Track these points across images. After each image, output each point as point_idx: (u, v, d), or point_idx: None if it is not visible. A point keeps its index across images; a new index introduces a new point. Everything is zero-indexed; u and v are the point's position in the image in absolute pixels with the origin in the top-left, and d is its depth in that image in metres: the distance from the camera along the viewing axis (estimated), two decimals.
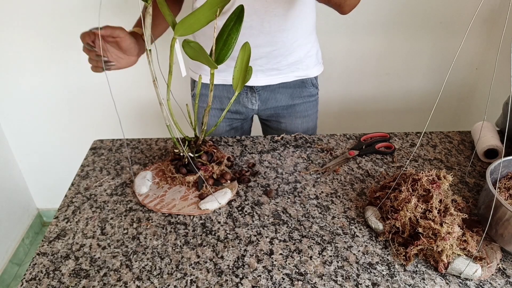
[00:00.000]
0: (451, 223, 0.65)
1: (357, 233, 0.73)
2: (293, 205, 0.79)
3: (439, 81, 1.56)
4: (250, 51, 0.76)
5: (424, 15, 1.41)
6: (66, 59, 1.47)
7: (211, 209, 0.77)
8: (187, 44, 0.67)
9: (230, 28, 0.73)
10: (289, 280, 0.64)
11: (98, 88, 1.54)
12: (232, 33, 0.73)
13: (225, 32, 0.73)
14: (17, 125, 1.64)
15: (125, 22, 1.38)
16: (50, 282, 0.64)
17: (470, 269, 0.63)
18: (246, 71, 0.78)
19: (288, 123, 1.13)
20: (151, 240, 0.71)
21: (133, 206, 0.79)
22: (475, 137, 0.96)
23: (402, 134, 1.01)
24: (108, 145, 0.98)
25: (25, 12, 1.37)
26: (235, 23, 0.73)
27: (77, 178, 0.87)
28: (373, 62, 1.51)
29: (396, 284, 0.63)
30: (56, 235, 0.73)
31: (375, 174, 0.87)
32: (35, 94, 1.55)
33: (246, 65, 0.77)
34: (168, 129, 0.79)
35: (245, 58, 0.76)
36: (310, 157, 0.93)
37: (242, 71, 0.78)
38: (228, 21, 0.73)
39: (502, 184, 0.75)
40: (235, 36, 0.72)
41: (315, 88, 1.12)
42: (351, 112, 1.63)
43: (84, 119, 1.63)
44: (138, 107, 1.61)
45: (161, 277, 0.65)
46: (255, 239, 0.71)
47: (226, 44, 0.73)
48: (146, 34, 0.68)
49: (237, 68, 0.77)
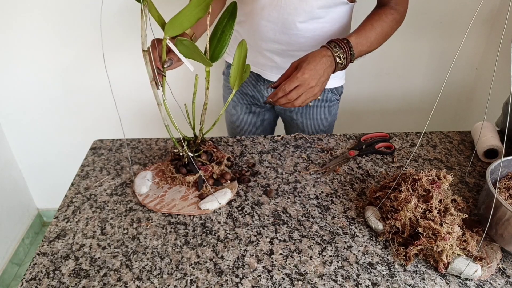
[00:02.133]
0: (451, 223, 0.65)
1: (357, 233, 0.73)
2: (293, 205, 0.79)
3: (439, 81, 1.56)
4: (246, 49, 0.76)
5: (424, 15, 1.41)
6: (66, 59, 1.47)
7: (211, 209, 0.77)
8: (180, 43, 0.67)
9: (224, 25, 0.73)
10: (289, 280, 0.64)
11: (98, 88, 1.54)
12: (226, 30, 0.72)
13: (219, 29, 0.73)
14: (17, 125, 1.64)
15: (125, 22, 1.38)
16: (50, 282, 0.64)
17: (470, 269, 0.63)
18: (243, 69, 0.78)
19: (299, 121, 1.13)
20: (151, 240, 0.71)
21: (133, 206, 0.79)
22: (475, 137, 0.96)
23: (402, 134, 1.01)
24: (108, 145, 0.98)
25: (25, 12, 1.36)
26: (228, 20, 0.73)
27: (77, 178, 0.87)
28: (373, 62, 1.51)
29: (396, 284, 0.63)
30: (56, 235, 0.73)
31: (375, 174, 0.87)
32: (35, 94, 1.55)
33: (243, 63, 0.77)
34: (167, 129, 0.79)
35: (242, 56, 0.76)
36: (310, 157, 0.93)
37: (239, 69, 0.77)
38: (221, 19, 0.73)
39: (502, 184, 0.75)
40: (229, 33, 0.72)
41: (334, 94, 1.11)
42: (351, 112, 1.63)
43: (84, 119, 1.63)
44: (138, 107, 1.61)
45: (161, 277, 0.65)
46: (255, 239, 0.71)
47: (220, 41, 0.73)
48: (142, 35, 0.68)
49: (234, 66, 0.77)
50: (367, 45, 0.88)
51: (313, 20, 0.92)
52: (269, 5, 0.91)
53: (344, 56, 0.83)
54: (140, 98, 1.58)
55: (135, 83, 1.52)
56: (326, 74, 0.82)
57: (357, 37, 0.86)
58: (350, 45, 0.84)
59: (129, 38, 1.42)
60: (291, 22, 0.92)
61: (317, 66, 0.80)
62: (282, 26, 0.93)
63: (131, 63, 1.47)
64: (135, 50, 1.40)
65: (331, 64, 0.83)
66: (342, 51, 0.83)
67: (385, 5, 0.91)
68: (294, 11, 0.89)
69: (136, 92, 1.56)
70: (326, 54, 0.82)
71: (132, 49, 1.43)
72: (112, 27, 1.40)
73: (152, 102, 1.59)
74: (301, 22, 0.91)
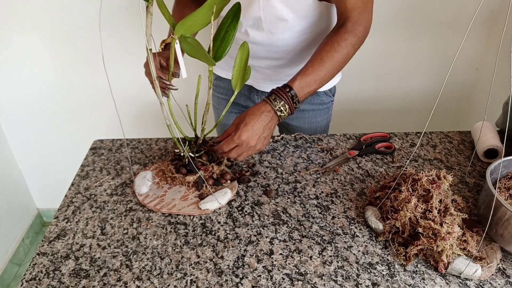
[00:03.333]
0: (451, 223, 0.65)
1: (357, 233, 0.73)
2: (293, 205, 0.79)
3: (439, 81, 1.56)
4: (248, 51, 0.77)
5: (424, 15, 1.41)
6: (66, 59, 1.47)
7: (211, 209, 0.77)
8: (184, 40, 0.67)
9: (227, 26, 0.73)
10: (289, 280, 0.64)
11: (98, 88, 1.54)
12: (230, 30, 0.73)
13: (223, 29, 0.74)
14: (17, 125, 1.64)
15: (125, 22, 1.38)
16: (50, 282, 0.64)
17: (470, 269, 0.63)
18: (245, 71, 0.78)
19: (296, 126, 1.13)
20: (151, 240, 0.71)
21: (133, 206, 0.79)
22: (475, 137, 0.96)
23: (402, 134, 1.01)
24: (108, 145, 0.98)
25: (26, 12, 1.36)
26: (232, 20, 0.73)
27: (77, 178, 0.87)
28: (373, 62, 1.51)
29: (396, 284, 0.63)
30: (56, 235, 0.73)
31: (375, 174, 0.87)
32: (35, 94, 1.55)
33: (245, 65, 0.77)
34: (169, 129, 0.79)
35: (243, 57, 0.77)
36: (310, 157, 0.93)
37: (241, 70, 0.78)
38: (225, 19, 0.74)
39: (502, 184, 0.75)
40: (232, 33, 0.73)
41: (328, 96, 1.10)
42: (351, 112, 1.63)
43: (84, 119, 1.63)
44: (138, 107, 1.61)
45: (161, 277, 0.65)
46: (255, 239, 0.71)
47: (224, 41, 0.73)
48: (147, 34, 0.68)
49: (236, 67, 0.78)
50: (316, 83, 0.82)
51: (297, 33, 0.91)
52: (251, 28, 0.90)
53: (286, 106, 0.79)
54: (140, 98, 1.58)
55: (135, 83, 1.52)
56: (267, 129, 0.80)
57: (303, 77, 0.80)
58: (292, 93, 0.79)
59: (129, 38, 1.42)
60: (278, 40, 0.91)
61: (255, 126, 0.78)
62: (269, 45, 0.93)
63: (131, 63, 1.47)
64: (135, 50, 1.40)
65: (272, 119, 0.80)
66: (283, 102, 0.79)
67: (341, 26, 0.83)
68: (277, 30, 0.89)
69: (136, 92, 1.56)
70: (265, 110, 0.79)
71: (132, 49, 1.43)
72: (112, 27, 1.40)
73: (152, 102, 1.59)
74: (287, 37, 0.91)
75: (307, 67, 0.82)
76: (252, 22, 0.89)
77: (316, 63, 0.81)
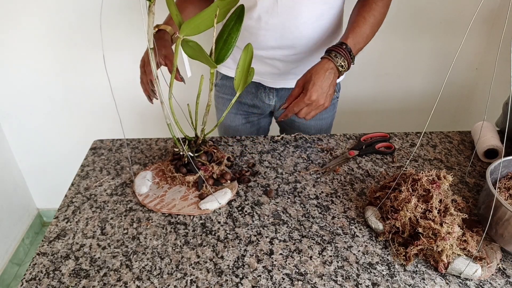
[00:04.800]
0: (451, 223, 0.65)
1: (357, 233, 0.73)
2: (293, 205, 0.79)
3: (439, 81, 1.56)
4: (252, 53, 0.76)
5: (424, 15, 1.41)
6: (66, 59, 1.47)
7: (211, 209, 0.77)
8: (186, 44, 0.67)
9: (230, 28, 0.73)
10: (289, 280, 0.64)
11: (98, 88, 1.54)
12: (233, 33, 0.73)
13: (225, 32, 0.73)
14: (17, 125, 1.64)
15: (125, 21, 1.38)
16: (50, 282, 0.64)
17: (470, 269, 0.63)
18: (248, 72, 0.78)
19: (301, 123, 1.13)
20: (151, 240, 0.71)
21: (133, 206, 0.79)
22: (475, 137, 0.96)
23: (402, 134, 1.01)
24: (108, 145, 0.98)
25: (26, 12, 1.36)
26: (235, 23, 0.73)
27: (77, 178, 0.87)
28: (373, 62, 1.51)
29: (396, 284, 0.63)
30: (56, 235, 0.73)
31: (375, 174, 0.87)
32: (35, 94, 1.55)
33: (248, 66, 0.77)
34: (169, 128, 0.79)
35: (247, 59, 0.76)
36: (310, 157, 0.93)
37: (244, 72, 0.78)
38: (228, 21, 0.73)
39: (502, 184, 0.75)
40: (235, 36, 0.73)
41: (335, 92, 1.09)
42: (351, 112, 1.63)
43: (84, 119, 1.63)
44: (138, 107, 1.60)
45: (161, 277, 0.65)
46: (255, 239, 0.71)
47: (226, 44, 0.73)
48: (149, 33, 0.68)
49: (239, 69, 0.77)
50: (363, 41, 0.88)
51: (313, 18, 0.91)
52: (265, 14, 0.89)
53: (346, 62, 0.84)
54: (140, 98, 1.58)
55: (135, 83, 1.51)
56: (332, 87, 0.83)
57: (353, 37, 0.86)
58: (348, 48, 0.84)
59: (129, 37, 1.42)
60: (292, 26, 0.91)
61: (323, 84, 0.81)
62: (283, 31, 0.92)
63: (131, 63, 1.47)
64: (135, 50, 1.40)
65: (335, 75, 0.83)
66: (343, 58, 0.83)
67: None
68: (293, 13, 0.89)
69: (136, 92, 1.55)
70: (329, 67, 0.82)
71: (132, 48, 1.43)
72: (112, 26, 1.40)
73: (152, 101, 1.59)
74: (302, 23, 0.91)
75: (353, 28, 0.87)
76: (267, 7, 0.88)
77: (360, 22, 0.87)
